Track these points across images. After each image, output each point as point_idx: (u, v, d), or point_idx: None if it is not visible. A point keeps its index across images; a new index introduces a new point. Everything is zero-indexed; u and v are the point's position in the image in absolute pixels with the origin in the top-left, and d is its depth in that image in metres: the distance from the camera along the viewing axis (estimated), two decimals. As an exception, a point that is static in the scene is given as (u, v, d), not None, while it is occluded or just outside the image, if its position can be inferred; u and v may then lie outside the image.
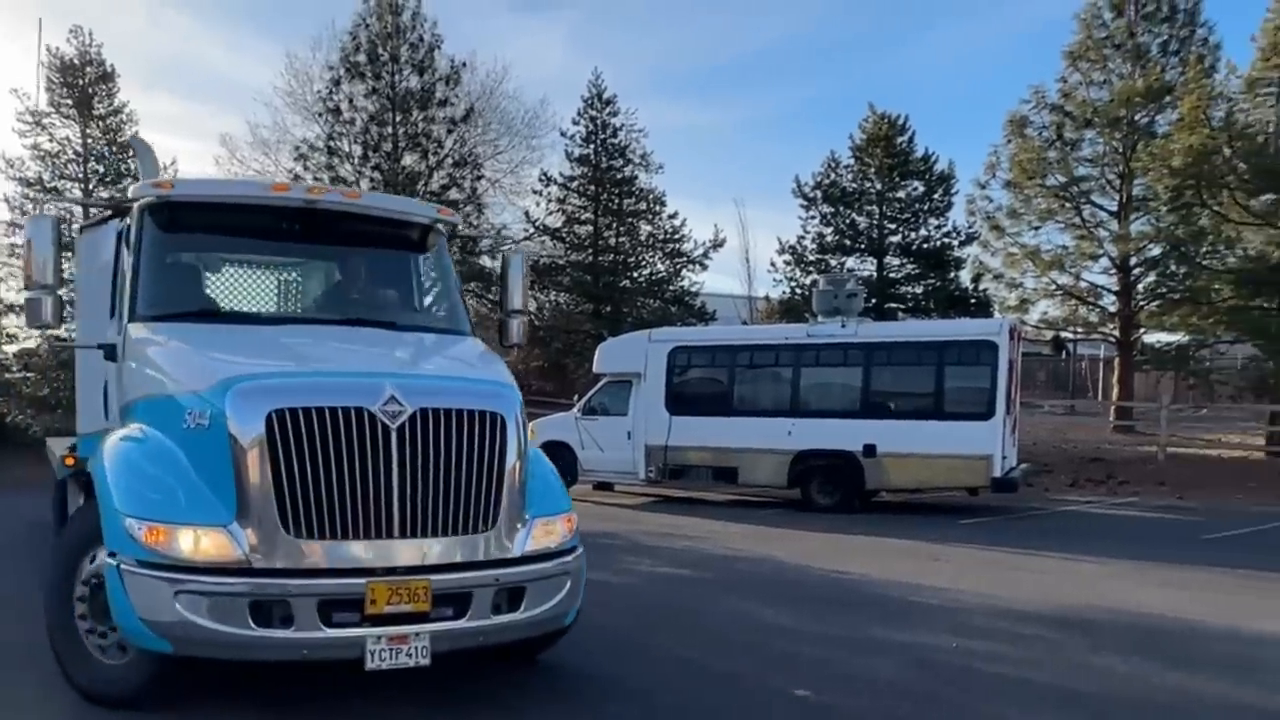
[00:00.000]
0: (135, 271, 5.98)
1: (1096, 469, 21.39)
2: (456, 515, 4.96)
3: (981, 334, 15.51)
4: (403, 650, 4.74)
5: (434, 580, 4.85)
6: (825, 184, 27.77)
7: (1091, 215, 28.58)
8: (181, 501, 4.79)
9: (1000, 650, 6.96)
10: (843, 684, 6.01)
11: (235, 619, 4.58)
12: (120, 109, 24.28)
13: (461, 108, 29.60)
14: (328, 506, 4.71)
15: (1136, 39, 27.64)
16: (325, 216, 6.38)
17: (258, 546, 4.66)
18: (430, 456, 4.87)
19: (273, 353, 5.50)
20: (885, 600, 8.80)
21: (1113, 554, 11.45)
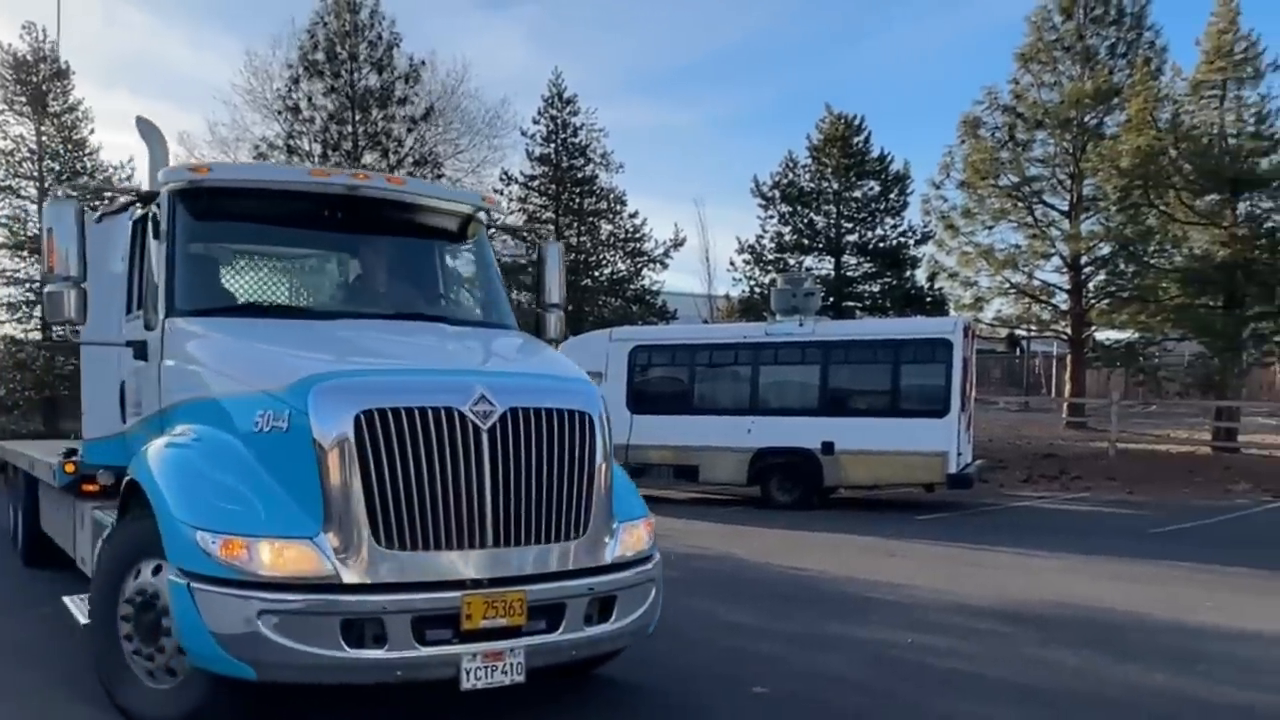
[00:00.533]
0: (170, 262, 5.54)
1: (1049, 465, 21.78)
2: (548, 521, 4.65)
3: (936, 332, 15.73)
4: (498, 668, 4.43)
5: (529, 591, 4.55)
6: (783, 184, 27.95)
7: (1044, 215, 29.07)
8: (260, 512, 4.39)
9: (955, 645, 7.04)
10: (800, 680, 6.05)
11: (325, 640, 4.20)
12: (75, 106, 23.93)
13: (421, 106, 29.30)
14: (420, 515, 4.35)
15: (1085, 41, 28.18)
16: (366, 204, 5.99)
17: (347, 560, 4.29)
18: (521, 459, 4.56)
19: (343, 349, 5.10)
20: (842, 596, 8.88)
21: (1064, 549, 11.65)
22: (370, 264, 6.36)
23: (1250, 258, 19.63)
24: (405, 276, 6.42)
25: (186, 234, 5.63)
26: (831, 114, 27.78)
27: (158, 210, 5.71)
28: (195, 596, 4.31)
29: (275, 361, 4.89)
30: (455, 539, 4.41)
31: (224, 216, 5.88)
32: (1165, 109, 21.39)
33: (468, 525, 4.43)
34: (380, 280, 6.38)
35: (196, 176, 5.75)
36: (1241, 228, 20.74)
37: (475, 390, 4.52)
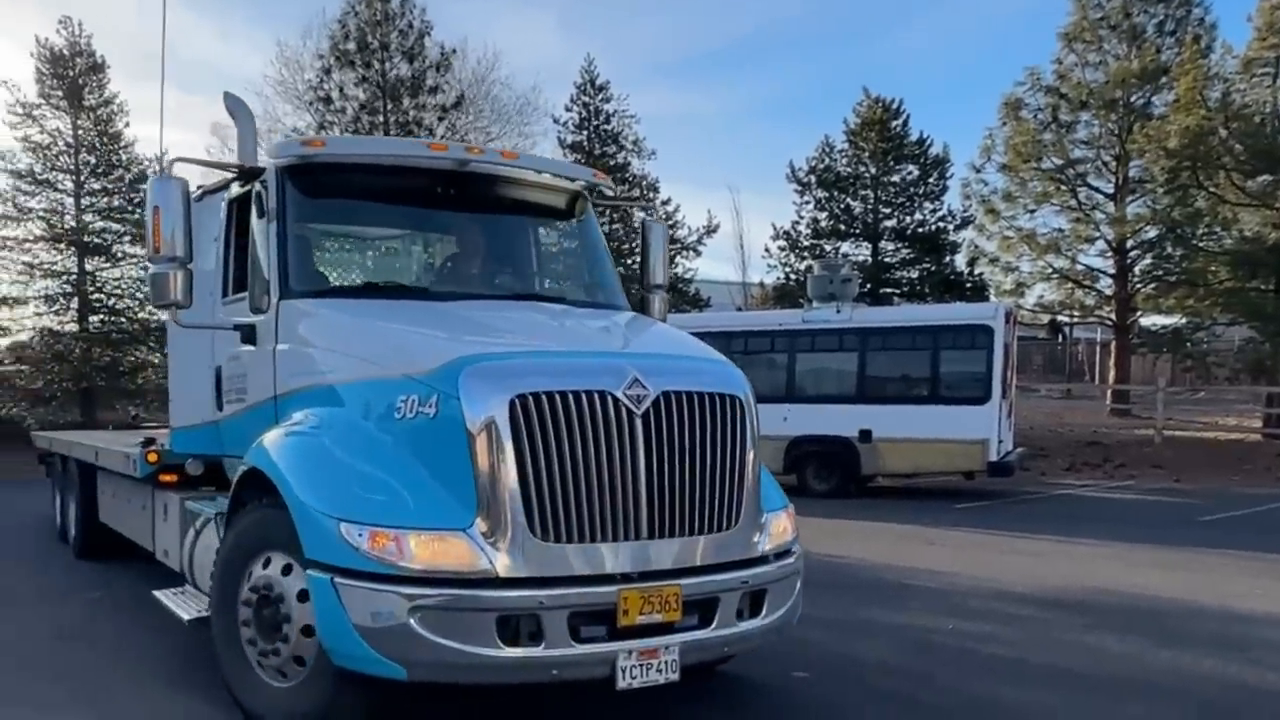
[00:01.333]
0: (281, 241, 5.28)
1: (1093, 452, 21.43)
2: (703, 511, 4.40)
3: (977, 318, 15.50)
4: (653, 665, 4.17)
5: (684, 585, 4.31)
6: (819, 169, 27.66)
7: (1088, 198, 28.52)
8: (409, 502, 4.15)
9: (995, 631, 6.97)
10: (840, 665, 6.02)
11: (480, 637, 3.96)
12: (111, 100, 24.17)
13: (452, 95, 29.35)
14: (575, 505, 4.12)
15: (1132, 19, 27.52)
16: (478, 179, 5.74)
17: (502, 552, 4.05)
18: (675, 445, 4.29)
19: (480, 331, 4.81)
20: (881, 583, 8.81)
21: (1108, 536, 11.46)
22: (481, 242, 6.05)
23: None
24: (517, 255, 6.20)
25: (298, 212, 5.38)
26: (869, 97, 27.44)
27: (262, 188, 5.45)
28: (340, 591, 4.07)
29: (416, 344, 4.63)
30: (610, 530, 4.18)
31: (335, 193, 5.65)
32: (1215, 88, 20.78)
33: (622, 516, 4.20)
34: (492, 259, 6.08)
35: (309, 151, 5.53)
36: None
37: (628, 373, 4.27)
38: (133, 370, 23.66)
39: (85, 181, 23.86)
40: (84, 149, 23.83)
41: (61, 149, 23.66)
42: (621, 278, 6.47)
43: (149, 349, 24.06)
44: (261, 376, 5.37)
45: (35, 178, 23.51)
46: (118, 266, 24.32)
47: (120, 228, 24.12)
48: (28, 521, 12.63)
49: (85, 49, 24.01)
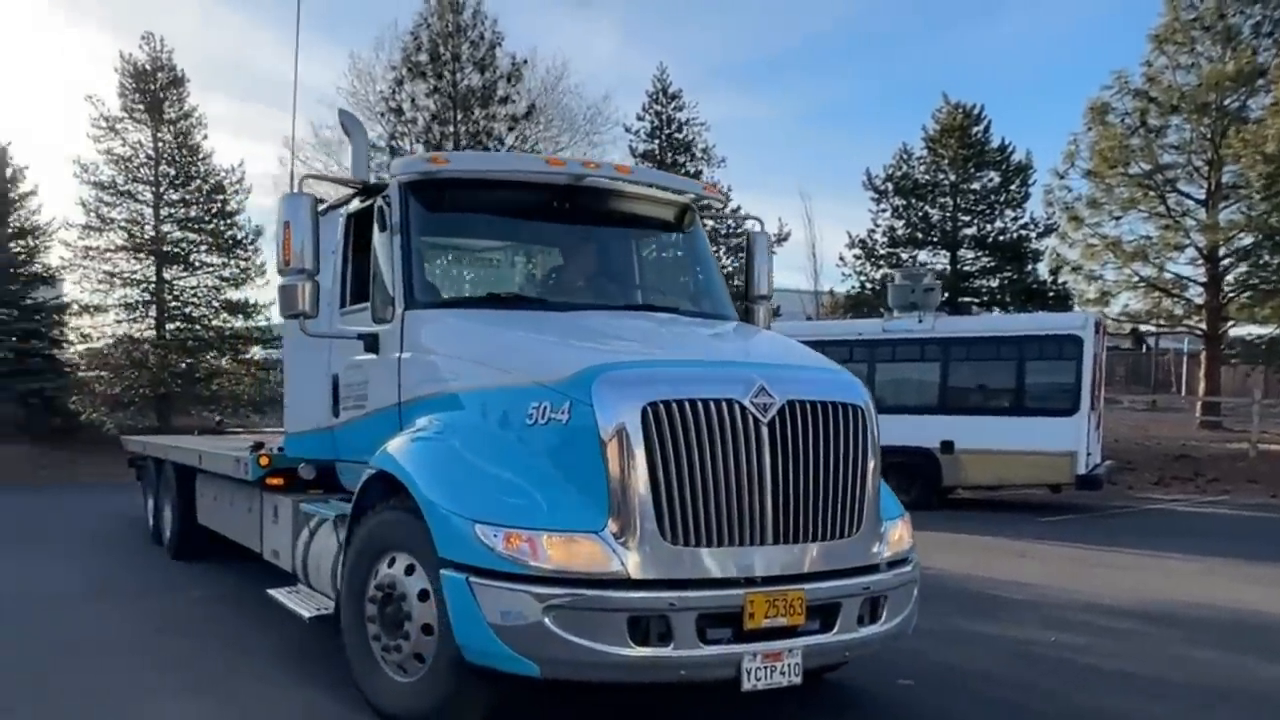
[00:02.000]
0: (406, 254, 5.46)
1: (1183, 466, 20.83)
2: (826, 518, 4.50)
3: (1067, 328, 15.27)
4: (776, 668, 4.28)
5: (808, 590, 4.40)
6: (896, 176, 27.43)
7: (1177, 204, 27.73)
8: (543, 505, 4.30)
9: (1095, 643, 6.92)
10: (943, 673, 6.08)
11: (612, 636, 4.09)
12: (190, 113, 24.80)
13: (523, 105, 29.51)
14: (705, 510, 4.24)
15: (1227, 20, 26.65)
16: (593, 193, 5.92)
17: (634, 555, 4.17)
18: (800, 453, 4.41)
19: (607, 341, 4.95)
20: (972, 594, 8.80)
21: (1203, 551, 11.23)
22: (595, 253, 6.27)
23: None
24: (628, 266, 6.39)
25: (421, 225, 5.58)
26: (949, 103, 27.12)
27: (385, 203, 5.65)
28: (474, 590, 4.23)
29: (547, 353, 4.81)
30: (737, 535, 4.30)
31: (456, 207, 5.85)
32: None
33: (749, 521, 4.32)
34: (605, 270, 6.26)
35: (433, 167, 5.71)
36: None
37: (755, 382, 4.40)
38: (208, 377, 24.18)
39: (164, 192, 24.42)
40: (164, 161, 24.38)
41: (142, 161, 24.25)
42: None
43: (222, 356, 24.67)
44: (385, 384, 5.57)
45: (117, 189, 24.17)
46: (194, 275, 24.94)
47: (196, 237, 24.74)
48: (118, 524, 12.99)
49: (166, 63, 24.65)
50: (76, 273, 24.17)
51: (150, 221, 24.42)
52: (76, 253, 24.06)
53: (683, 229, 6.32)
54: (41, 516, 14.22)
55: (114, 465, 15.18)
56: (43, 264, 24.98)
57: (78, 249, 24.04)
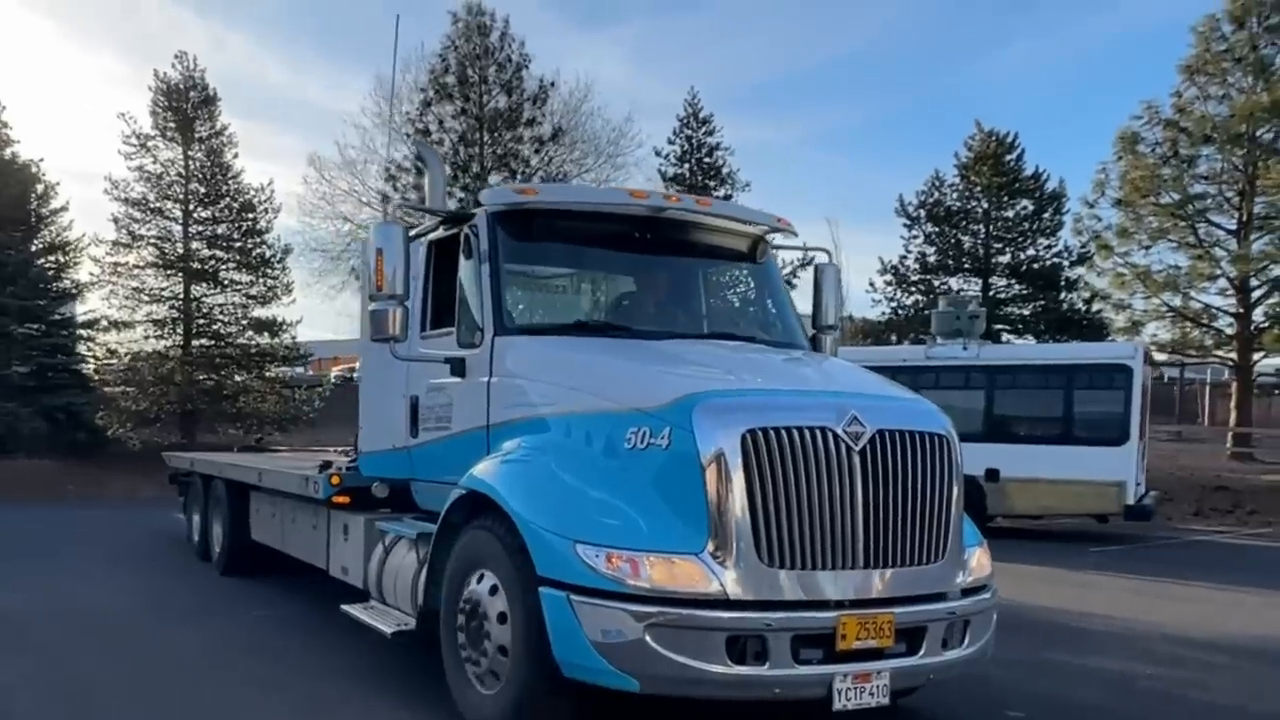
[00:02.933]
0: (495, 282, 5.62)
1: (1221, 498, 20.55)
2: (914, 544, 4.61)
3: (1117, 358, 15.12)
4: (866, 689, 4.39)
5: (897, 614, 4.51)
6: (929, 203, 27.38)
7: (1207, 234, 27.61)
8: (643, 527, 4.40)
9: (1197, 677, 6.79)
10: (1052, 706, 5.94)
11: (711, 654, 4.19)
12: (221, 131, 24.89)
13: (547, 127, 29.56)
14: (799, 534, 4.36)
15: (1259, 52, 26.65)
16: (673, 225, 6.12)
17: (732, 576, 4.28)
18: (890, 480, 4.53)
19: (701, 368, 5.07)
20: (1051, 625, 8.62)
21: (1260, 584, 11.06)
22: (675, 282, 6.45)
23: None
24: (707, 294, 6.58)
25: (509, 254, 5.74)
26: (982, 131, 27.13)
27: (471, 232, 5.80)
28: (575, 608, 4.32)
29: (645, 379, 4.94)
30: (830, 559, 4.41)
31: (542, 237, 6.00)
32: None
33: (841, 545, 4.43)
34: (684, 298, 6.47)
35: (522, 199, 5.93)
36: None
37: (848, 411, 4.53)
38: (235, 394, 24.15)
39: (194, 210, 24.45)
40: (194, 179, 24.40)
41: (173, 179, 24.29)
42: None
43: (248, 373, 24.58)
44: (472, 407, 5.65)
45: (148, 205, 24.19)
46: (223, 292, 24.87)
47: (225, 255, 24.72)
48: (157, 540, 12.82)
49: (199, 82, 24.78)
50: (105, 289, 24.24)
51: (179, 239, 24.46)
52: (105, 269, 24.14)
53: (756, 259, 6.48)
54: (75, 533, 14.04)
55: (141, 482, 15.07)
56: (71, 279, 25.08)
57: (106, 265, 24.12)
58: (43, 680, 6.15)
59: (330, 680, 6.18)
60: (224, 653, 6.96)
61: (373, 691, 5.91)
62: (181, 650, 6.99)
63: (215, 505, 10.48)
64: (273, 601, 8.79)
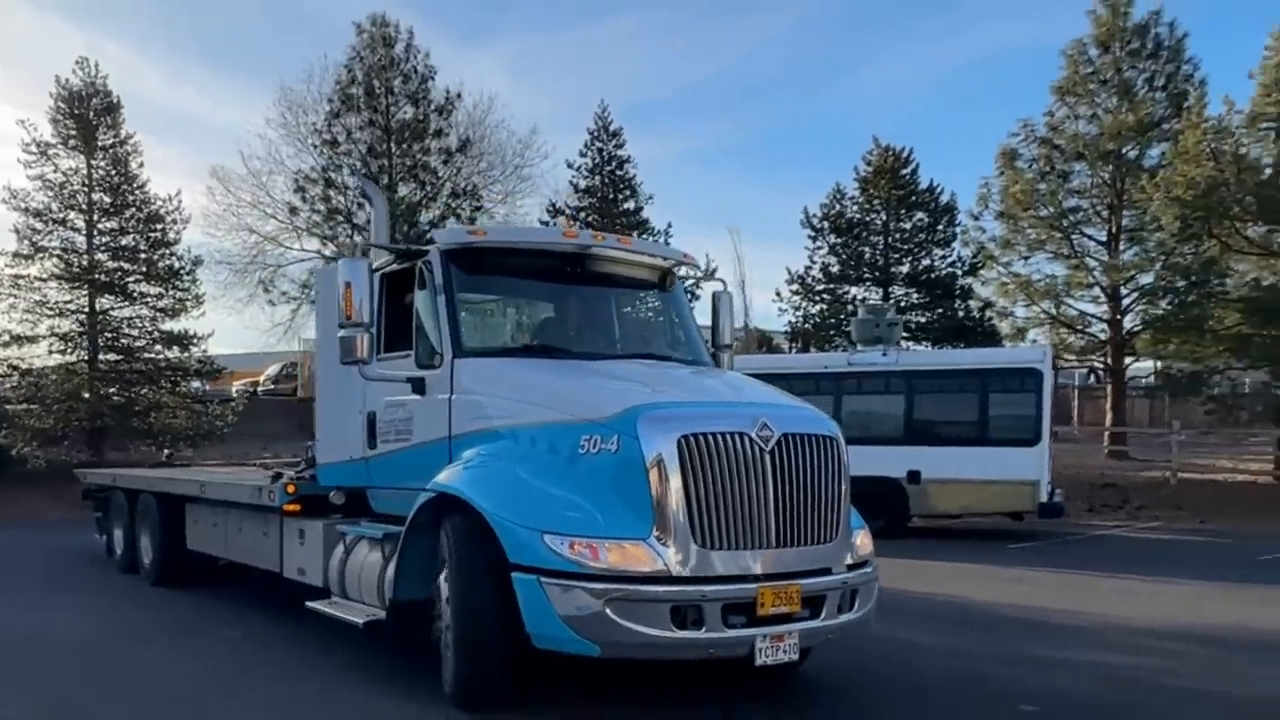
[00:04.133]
0: (451, 311, 6.31)
1: (1111, 495, 21.70)
2: (813, 527, 5.44)
3: (1027, 362, 15.80)
4: (780, 647, 5.22)
5: (803, 585, 5.34)
6: (832, 214, 28.15)
7: (1081, 245, 29.31)
8: (599, 519, 5.15)
9: (1169, 666, 7.10)
10: (1056, 700, 6.06)
11: (658, 622, 4.97)
12: (125, 140, 23.82)
13: (454, 138, 29.73)
14: (725, 520, 5.18)
15: (1123, 74, 28.51)
16: (599, 259, 6.89)
17: (673, 557, 5.07)
18: (793, 476, 5.37)
19: (636, 385, 5.80)
20: (1020, 622, 8.87)
21: (1183, 575, 11.70)
22: (602, 310, 7.27)
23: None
24: (628, 320, 7.43)
25: (461, 285, 6.43)
26: (879, 146, 28.10)
27: (425, 266, 6.46)
28: (545, 588, 5.05)
29: (593, 395, 5.67)
30: (749, 540, 5.24)
31: (490, 271, 6.71)
32: (1219, 140, 21.61)
33: (758, 529, 5.26)
34: (610, 323, 7.27)
35: (472, 239, 6.71)
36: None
37: (759, 419, 5.36)
38: (146, 410, 23.12)
39: (98, 221, 23.44)
40: (98, 188, 23.44)
41: (76, 188, 23.23)
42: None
43: (160, 389, 23.62)
44: (432, 420, 6.30)
45: (50, 216, 23.05)
46: (131, 306, 23.85)
47: (131, 266, 23.71)
48: (75, 558, 12.72)
49: (101, 89, 23.76)
50: (5, 302, 22.77)
51: (84, 250, 23.24)
52: (5, 281, 22.70)
53: (666, 289, 7.35)
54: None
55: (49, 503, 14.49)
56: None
57: (6, 277, 22.71)
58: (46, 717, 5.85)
59: (349, 687, 6.24)
60: (224, 677, 6.71)
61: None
62: (175, 677, 6.72)
63: (143, 519, 10.81)
64: (237, 621, 8.58)
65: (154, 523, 10.47)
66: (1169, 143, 27.41)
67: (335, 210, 29.75)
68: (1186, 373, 23.30)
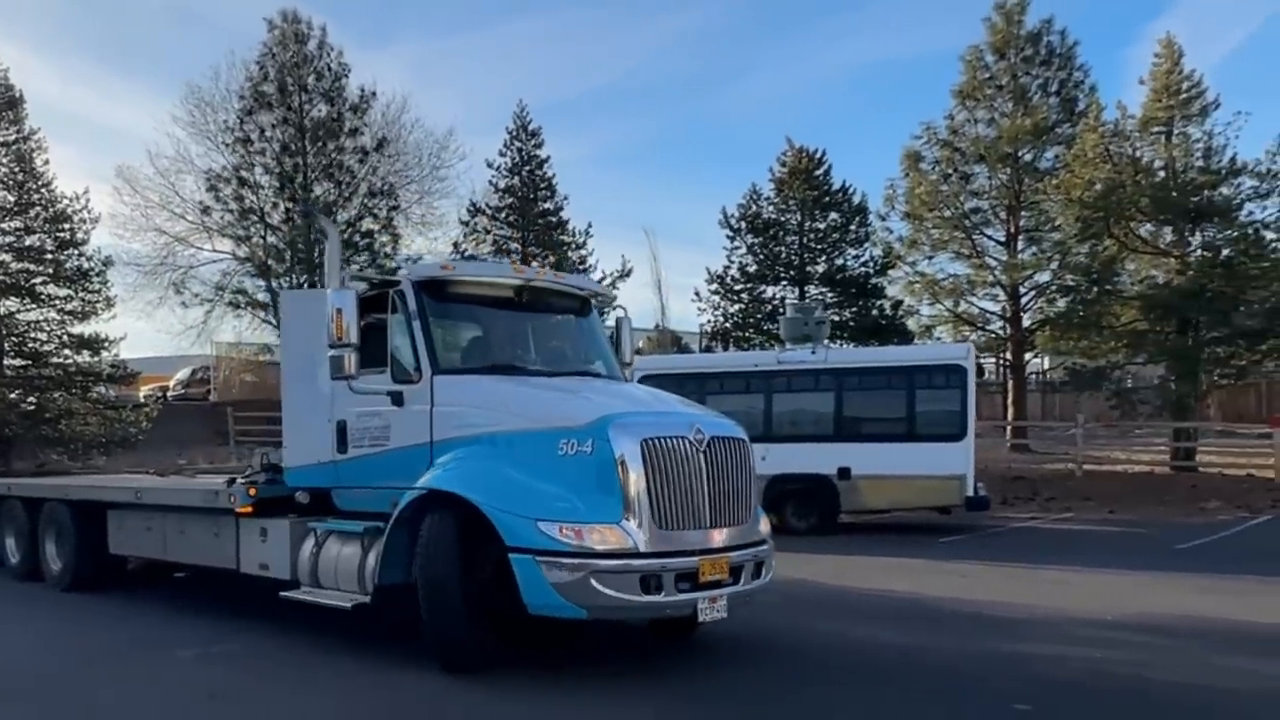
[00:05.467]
0: (426, 333, 7.29)
1: (1021, 487, 22.32)
2: (734, 511, 6.71)
3: (951, 359, 16.05)
4: (714, 608, 6.47)
5: (730, 557, 6.60)
6: (749, 214, 28.26)
7: (981, 245, 30.20)
8: (581, 507, 6.22)
9: (1143, 658, 7.16)
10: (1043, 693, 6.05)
11: (630, 589, 6.12)
12: (30, 135, 22.33)
13: (369, 137, 29.10)
14: (675, 506, 6.37)
15: (1018, 80, 29.50)
16: (538, 290, 8.04)
17: (640, 537, 6.21)
18: (720, 470, 6.64)
19: (595, 397, 7.06)
20: (970, 616, 8.89)
21: (1114, 566, 11.99)
22: (541, 333, 8.36)
23: (1205, 285, 20.78)
24: (567, 342, 8.57)
25: (433, 312, 7.41)
26: (793, 147, 28.34)
27: (397, 295, 7.45)
28: (540, 566, 6.13)
29: (566, 406, 6.85)
30: (691, 522, 6.46)
31: (454, 299, 7.68)
32: (1115, 144, 22.56)
33: (696, 513, 6.48)
34: (548, 345, 8.39)
35: (441, 273, 7.70)
36: (1195, 257, 22.00)
37: (694, 425, 6.68)
38: (56, 417, 21.63)
39: (0, 220, 22.00)
40: (0, 186, 21.88)
41: None
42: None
43: (70, 395, 22.12)
44: (412, 428, 7.18)
45: None
46: (39, 308, 22.29)
47: (37, 268, 22.20)
48: None
49: (2, 81, 22.29)
50: None
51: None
52: None
53: (585, 314, 8.55)
54: None
55: None
56: None
57: None
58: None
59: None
60: (193, 703, 6.21)
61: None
62: (147, 705, 6.22)
63: (48, 526, 10.94)
64: (190, 638, 8.11)
65: (63, 529, 10.59)
66: (1063, 146, 28.67)
67: (249, 210, 28.67)
68: (1089, 369, 24.13)
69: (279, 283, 28.07)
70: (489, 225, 27.53)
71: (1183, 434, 22.49)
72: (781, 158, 28.32)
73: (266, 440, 21.72)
